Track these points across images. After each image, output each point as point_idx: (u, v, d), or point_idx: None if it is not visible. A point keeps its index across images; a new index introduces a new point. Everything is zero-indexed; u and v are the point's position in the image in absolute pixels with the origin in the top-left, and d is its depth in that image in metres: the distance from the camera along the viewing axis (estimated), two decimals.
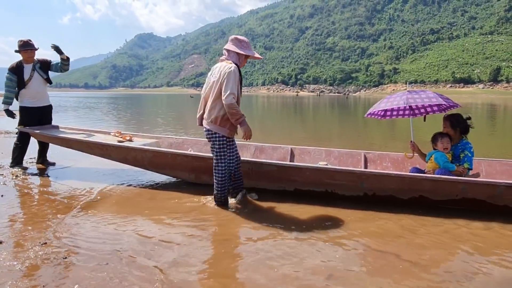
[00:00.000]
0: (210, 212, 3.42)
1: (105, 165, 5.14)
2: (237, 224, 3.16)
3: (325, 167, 3.83)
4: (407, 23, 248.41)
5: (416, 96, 3.62)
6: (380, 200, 3.65)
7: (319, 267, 2.40)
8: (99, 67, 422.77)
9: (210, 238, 2.88)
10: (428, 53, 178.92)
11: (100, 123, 13.18)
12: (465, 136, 3.78)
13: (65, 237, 2.80)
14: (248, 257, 2.54)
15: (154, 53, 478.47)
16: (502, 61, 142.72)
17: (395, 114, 4.36)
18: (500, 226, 3.13)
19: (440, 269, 2.40)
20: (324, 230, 3.01)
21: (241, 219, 3.27)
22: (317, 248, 2.69)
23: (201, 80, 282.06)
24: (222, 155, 3.45)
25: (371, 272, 2.36)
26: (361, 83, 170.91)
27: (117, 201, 3.75)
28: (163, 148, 4.75)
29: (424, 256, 2.56)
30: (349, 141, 8.80)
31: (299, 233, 2.95)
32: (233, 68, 3.28)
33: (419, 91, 3.73)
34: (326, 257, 2.54)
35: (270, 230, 3.00)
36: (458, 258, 2.58)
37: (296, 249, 2.66)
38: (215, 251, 2.64)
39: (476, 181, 3.41)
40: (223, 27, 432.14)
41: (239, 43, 3.47)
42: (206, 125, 3.44)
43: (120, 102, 37.57)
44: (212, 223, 3.16)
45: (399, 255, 2.58)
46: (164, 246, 2.67)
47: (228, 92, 3.20)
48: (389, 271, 2.37)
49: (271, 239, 2.83)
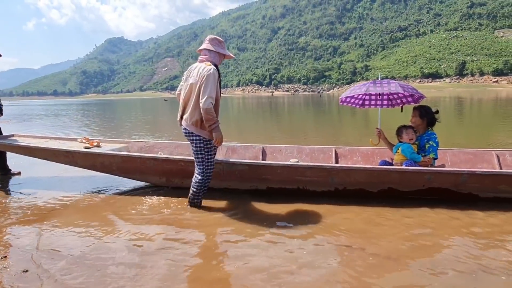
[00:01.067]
0: (182, 215, 3.36)
1: (72, 173, 4.97)
2: (210, 225, 3.11)
3: (296, 164, 3.84)
4: (376, 21, 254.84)
5: (378, 85, 3.77)
6: (351, 194, 3.70)
7: (286, 263, 2.39)
8: (68, 73, 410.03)
9: (181, 242, 2.81)
10: (397, 50, 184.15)
11: (67, 130, 12.73)
12: (431, 128, 3.89)
13: (27, 250, 2.67)
14: (218, 256, 2.50)
15: (126, 58, 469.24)
16: (467, 56, 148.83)
17: (373, 104, 4.47)
18: (466, 214, 3.22)
19: (407, 260, 2.45)
20: (293, 227, 3.02)
21: (212, 220, 3.22)
22: (284, 245, 2.68)
23: (175, 83, 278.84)
24: (202, 156, 3.40)
25: (338, 267, 2.38)
26: (334, 81, 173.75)
27: (84, 210, 3.63)
28: (132, 153, 4.64)
29: (391, 248, 2.61)
30: (323, 138, 8.89)
31: (270, 230, 2.94)
32: (212, 70, 3.22)
33: (383, 81, 3.84)
34: (294, 253, 2.54)
35: (244, 230, 2.97)
36: (425, 249, 2.63)
37: (265, 247, 2.64)
38: (186, 255, 2.59)
39: (440, 171, 3.51)
40: (196, 29, 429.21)
41: (219, 43, 3.45)
42: (186, 126, 3.39)
43: (91, 109, 36.58)
44: (184, 226, 3.10)
45: (365, 248, 2.61)
46: (132, 252, 2.59)
47: (206, 96, 3.15)
48: (356, 264, 2.39)
49: (242, 239, 2.80)
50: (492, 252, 2.50)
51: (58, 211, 3.54)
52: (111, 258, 2.50)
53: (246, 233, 2.91)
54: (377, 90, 3.77)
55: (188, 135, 3.41)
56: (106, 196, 4.05)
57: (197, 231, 2.99)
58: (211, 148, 3.43)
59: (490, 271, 2.25)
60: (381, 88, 3.75)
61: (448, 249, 2.57)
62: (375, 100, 4.45)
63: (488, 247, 2.58)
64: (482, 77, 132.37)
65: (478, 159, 4.30)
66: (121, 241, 2.79)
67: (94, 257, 2.52)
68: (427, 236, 2.79)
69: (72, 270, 2.34)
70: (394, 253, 2.51)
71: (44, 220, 3.29)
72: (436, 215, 3.19)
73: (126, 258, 2.51)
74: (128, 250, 2.62)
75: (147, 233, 2.93)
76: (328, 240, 2.75)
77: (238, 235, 2.89)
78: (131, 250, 2.63)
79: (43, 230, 3.04)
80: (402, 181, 3.56)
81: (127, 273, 2.30)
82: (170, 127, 13.61)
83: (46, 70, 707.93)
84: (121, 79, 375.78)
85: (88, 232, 2.98)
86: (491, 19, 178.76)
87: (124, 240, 2.80)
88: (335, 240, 2.75)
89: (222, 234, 2.93)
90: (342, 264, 2.41)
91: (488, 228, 2.90)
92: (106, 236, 2.88)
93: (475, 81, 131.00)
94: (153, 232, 2.96)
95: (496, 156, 4.23)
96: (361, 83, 4.10)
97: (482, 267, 2.30)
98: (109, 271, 2.33)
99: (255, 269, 2.32)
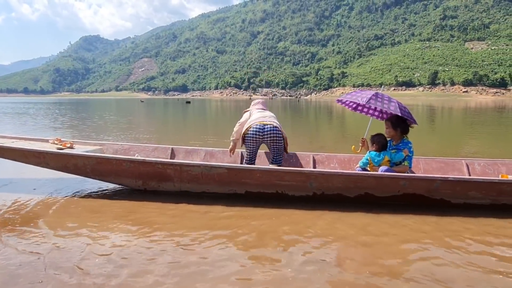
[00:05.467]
0: (155, 218, 3.29)
1: (43, 175, 4.77)
2: (180, 230, 3.05)
3: (275, 168, 3.85)
4: (354, 29, 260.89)
5: (379, 100, 3.80)
6: (329, 199, 3.74)
7: (255, 274, 2.38)
8: (40, 70, 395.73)
9: (154, 247, 2.75)
10: (373, 58, 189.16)
11: (38, 131, 12.24)
12: (406, 136, 3.98)
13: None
14: (186, 264, 2.46)
15: (102, 56, 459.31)
16: (439, 66, 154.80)
17: (365, 111, 4.55)
18: (446, 221, 3.32)
19: (378, 266, 2.49)
20: (265, 233, 3.01)
21: (183, 225, 3.17)
22: (251, 253, 2.67)
23: (152, 84, 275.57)
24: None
25: (311, 277, 2.39)
26: (311, 87, 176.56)
27: (55, 214, 3.48)
28: (107, 154, 4.52)
29: (365, 255, 2.64)
30: (301, 144, 8.97)
31: (245, 237, 2.93)
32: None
33: (385, 97, 3.89)
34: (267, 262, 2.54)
35: (223, 235, 2.94)
36: (394, 254, 2.69)
37: (237, 256, 2.62)
38: (158, 260, 2.53)
39: (415, 177, 3.63)
40: (174, 30, 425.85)
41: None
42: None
43: (64, 108, 35.47)
44: (158, 229, 3.03)
45: (346, 255, 2.64)
46: (105, 260, 2.51)
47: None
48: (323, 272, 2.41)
49: (218, 246, 2.77)
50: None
51: (30, 217, 3.39)
52: (86, 267, 2.41)
53: (225, 240, 2.88)
54: (378, 105, 3.81)
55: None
56: (77, 200, 3.91)
57: (164, 236, 2.92)
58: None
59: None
60: (381, 104, 3.79)
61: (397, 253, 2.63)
62: (368, 109, 4.53)
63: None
64: (453, 86, 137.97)
65: (449, 167, 4.47)
66: (89, 247, 2.69)
67: (56, 264, 2.42)
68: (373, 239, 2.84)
69: (38, 278, 2.23)
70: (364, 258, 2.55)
71: (15, 225, 3.13)
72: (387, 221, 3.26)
73: (98, 267, 2.42)
74: (99, 259, 2.54)
75: (110, 238, 2.85)
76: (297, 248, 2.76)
77: (214, 240, 2.85)
78: (104, 261, 2.55)
79: (14, 237, 2.90)
80: (379, 186, 3.63)
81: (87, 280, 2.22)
82: (147, 130, 13.39)
83: (16, 66, 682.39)
84: (96, 78, 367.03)
85: (56, 239, 2.86)
86: (462, 31, 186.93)
87: (98, 244, 2.71)
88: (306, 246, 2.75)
89: (192, 239, 2.88)
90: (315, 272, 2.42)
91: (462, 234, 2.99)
92: (76, 242, 2.78)
93: (446, 90, 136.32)
94: (119, 241, 2.87)
95: (466, 165, 4.42)
96: (363, 91, 4.15)
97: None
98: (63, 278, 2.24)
99: (219, 280, 2.29)
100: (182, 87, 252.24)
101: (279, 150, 4.36)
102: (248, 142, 4.32)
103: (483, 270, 2.38)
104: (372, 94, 3.87)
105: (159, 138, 10.20)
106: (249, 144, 4.32)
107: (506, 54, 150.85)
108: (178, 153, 5.00)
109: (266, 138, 4.26)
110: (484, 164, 4.41)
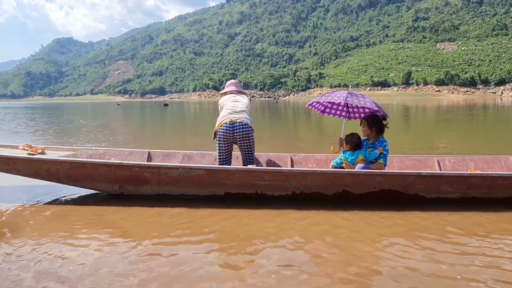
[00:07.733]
0: (132, 226, 3.23)
1: (13, 182, 4.60)
2: (158, 234, 3.01)
3: (254, 168, 3.85)
4: (330, 30, 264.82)
5: (354, 97, 3.92)
6: (307, 198, 3.78)
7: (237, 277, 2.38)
8: (10, 74, 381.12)
9: (128, 252, 2.70)
10: (349, 59, 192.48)
11: (6, 137, 11.75)
12: (381, 135, 4.08)
13: None
14: (162, 270, 2.43)
15: (75, 59, 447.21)
16: (412, 66, 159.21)
17: (333, 113, 4.58)
18: (438, 216, 3.41)
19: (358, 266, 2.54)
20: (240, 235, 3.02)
21: (162, 229, 3.13)
22: (227, 255, 2.67)
23: (129, 87, 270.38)
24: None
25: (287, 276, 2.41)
26: (289, 88, 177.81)
27: (25, 223, 3.35)
28: (82, 158, 4.40)
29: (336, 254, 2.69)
30: (279, 145, 9.02)
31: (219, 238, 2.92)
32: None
33: (359, 94, 4.01)
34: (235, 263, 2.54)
35: (204, 240, 2.92)
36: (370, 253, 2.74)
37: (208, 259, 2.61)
38: (134, 266, 2.49)
39: (391, 173, 3.75)
40: (151, 32, 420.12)
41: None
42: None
43: (35, 112, 34.31)
44: (131, 234, 2.98)
45: (320, 254, 2.67)
46: (80, 269, 2.45)
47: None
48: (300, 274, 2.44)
49: (199, 251, 2.75)
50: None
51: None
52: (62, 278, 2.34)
53: (209, 243, 2.86)
54: (354, 102, 3.90)
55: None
56: (49, 207, 3.79)
57: (139, 241, 2.88)
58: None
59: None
60: (357, 101, 3.89)
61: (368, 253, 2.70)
62: (335, 110, 4.57)
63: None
64: (426, 86, 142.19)
65: (421, 164, 4.62)
66: (61, 256, 2.62)
67: (28, 276, 2.34)
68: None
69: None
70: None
71: None
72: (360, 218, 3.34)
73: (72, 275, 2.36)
74: (74, 266, 2.47)
75: (78, 245, 2.79)
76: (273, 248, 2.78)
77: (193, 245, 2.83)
78: (79, 270, 2.48)
79: None
80: (356, 183, 3.70)
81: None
82: (123, 133, 13.14)
83: None
84: (70, 82, 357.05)
85: (26, 250, 2.77)
86: (433, 32, 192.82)
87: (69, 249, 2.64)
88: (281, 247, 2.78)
89: (165, 244, 2.85)
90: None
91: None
92: (48, 252, 2.70)
93: (419, 90, 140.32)
94: (95, 249, 2.81)
95: (437, 162, 4.60)
96: (335, 92, 4.20)
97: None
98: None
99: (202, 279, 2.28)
100: (160, 90, 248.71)
101: (250, 148, 4.27)
102: (218, 141, 4.24)
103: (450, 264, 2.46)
104: (347, 93, 3.96)
105: (135, 142, 10.02)
106: (219, 143, 4.23)
107: (475, 54, 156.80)
108: (155, 156, 4.93)
109: (236, 137, 4.18)
110: (454, 161, 4.62)
